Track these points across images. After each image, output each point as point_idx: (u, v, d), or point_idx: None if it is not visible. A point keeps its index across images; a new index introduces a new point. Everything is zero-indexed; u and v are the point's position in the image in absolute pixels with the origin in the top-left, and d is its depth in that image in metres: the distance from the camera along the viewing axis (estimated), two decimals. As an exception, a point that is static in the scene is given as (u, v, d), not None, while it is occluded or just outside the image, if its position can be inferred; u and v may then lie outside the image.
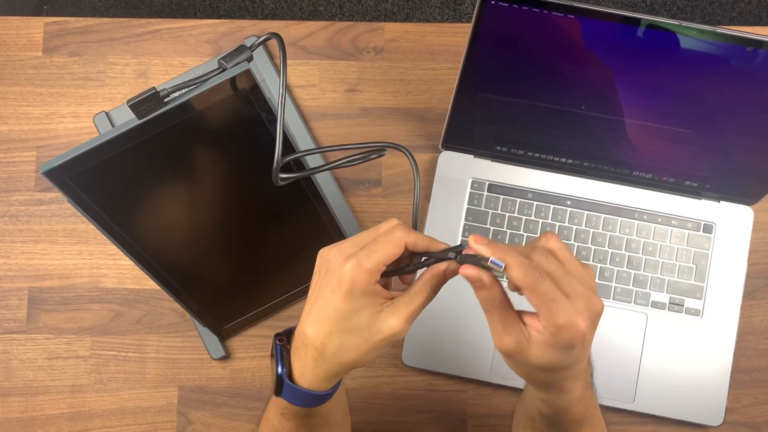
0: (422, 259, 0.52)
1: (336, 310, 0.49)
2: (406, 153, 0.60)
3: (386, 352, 0.79)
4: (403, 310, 0.49)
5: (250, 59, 0.56)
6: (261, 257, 0.75)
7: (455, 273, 0.50)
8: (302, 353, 0.51)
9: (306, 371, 0.51)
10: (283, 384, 0.51)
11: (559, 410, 0.53)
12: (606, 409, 0.79)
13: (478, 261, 0.47)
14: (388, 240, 0.49)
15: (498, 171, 0.81)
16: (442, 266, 0.50)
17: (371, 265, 0.48)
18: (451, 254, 0.50)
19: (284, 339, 0.53)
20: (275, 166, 0.57)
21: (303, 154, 0.62)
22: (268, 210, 0.71)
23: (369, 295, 0.49)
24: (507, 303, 0.48)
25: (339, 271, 0.49)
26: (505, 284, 0.48)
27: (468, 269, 0.47)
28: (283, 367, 0.51)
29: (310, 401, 0.52)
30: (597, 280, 0.80)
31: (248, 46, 0.57)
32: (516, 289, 0.47)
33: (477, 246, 0.47)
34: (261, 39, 0.57)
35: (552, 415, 0.54)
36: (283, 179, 0.59)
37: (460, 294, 0.80)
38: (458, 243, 0.64)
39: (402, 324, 0.49)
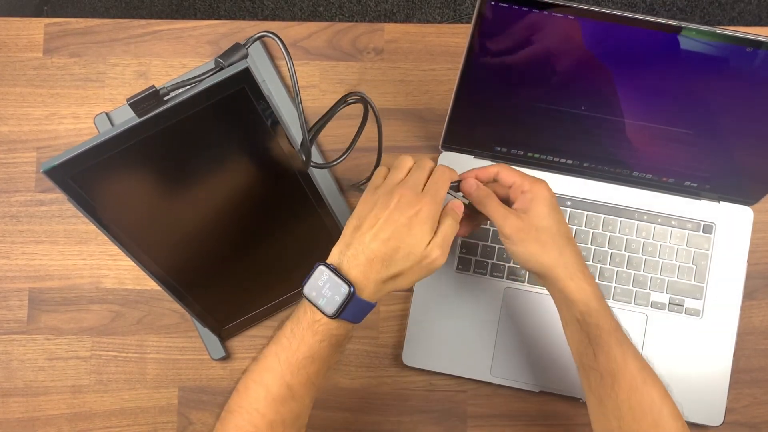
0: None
1: (408, 233, 0.59)
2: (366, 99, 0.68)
3: (391, 352, 0.79)
4: (440, 242, 0.60)
5: (245, 56, 0.56)
6: (261, 257, 0.75)
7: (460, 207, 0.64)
8: (364, 266, 0.58)
9: (368, 282, 0.58)
10: (352, 299, 0.57)
11: (575, 303, 0.62)
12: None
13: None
14: (445, 179, 0.63)
15: (498, 171, 0.81)
16: (454, 204, 0.63)
17: (440, 199, 0.61)
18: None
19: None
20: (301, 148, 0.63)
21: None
22: (268, 209, 0.71)
23: (433, 221, 0.60)
24: (495, 196, 0.65)
25: (417, 204, 0.59)
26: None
27: (464, 184, 0.66)
28: (350, 285, 0.57)
29: (363, 312, 0.59)
30: (597, 281, 0.80)
31: (243, 44, 0.57)
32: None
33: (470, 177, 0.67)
34: (255, 36, 0.57)
35: (574, 312, 0.63)
36: (314, 165, 0.66)
37: (459, 295, 0.80)
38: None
39: (439, 253, 0.60)
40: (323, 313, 0.57)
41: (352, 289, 0.57)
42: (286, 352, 0.58)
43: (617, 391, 0.60)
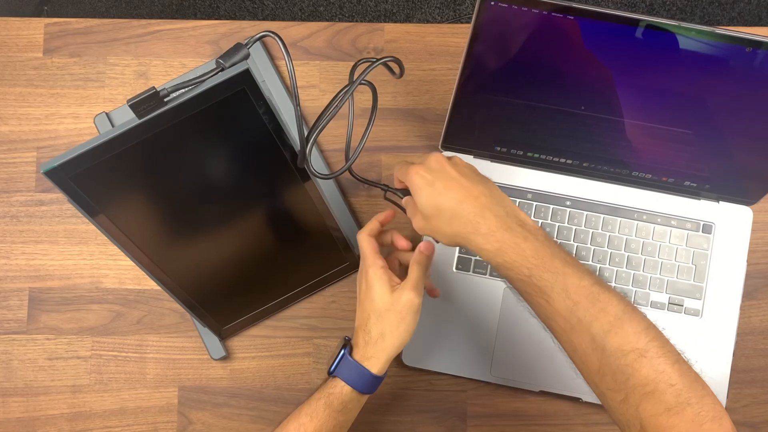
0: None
1: (368, 297, 0.66)
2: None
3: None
4: (408, 282, 0.65)
5: (246, 56, 0.56)
6: (261, 257, 0.75)
7: (429, 250, 0.68)
8: (363, 348, 0.66)
9: (366, 354, 0.65)
10: (343, 357, 0.66)
11: (492, 260, 0.59)
12: (604, 409, 0.79)
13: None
14: (361, 240, 0.68)
15: (497, 171, 0.81)
16: (422, 252, 0.68)
17: (366, 255, 0.67)
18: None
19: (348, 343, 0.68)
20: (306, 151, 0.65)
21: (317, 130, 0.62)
22: (269, 210, 0.71)
23: (381, 282, 0.65)
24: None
25: (361, 274, 0.68)
26: None
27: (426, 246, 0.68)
28: (343, 347, 0.67)
29: (362, 378, 0.65)
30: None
31: (245, 44, 0.57)
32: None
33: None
34: (257, 36, 0.57)
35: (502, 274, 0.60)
36: (317, 174, 0.68)
37: (459, 295, 0.80)
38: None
39: (412, 294, 0.64)
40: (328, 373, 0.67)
41: (343, 351, 0.66)
42: (298, 412, 0.65)
43: (558, 335, 0.57)
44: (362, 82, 0.66)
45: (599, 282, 0.56)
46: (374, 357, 0.65)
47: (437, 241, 0.63)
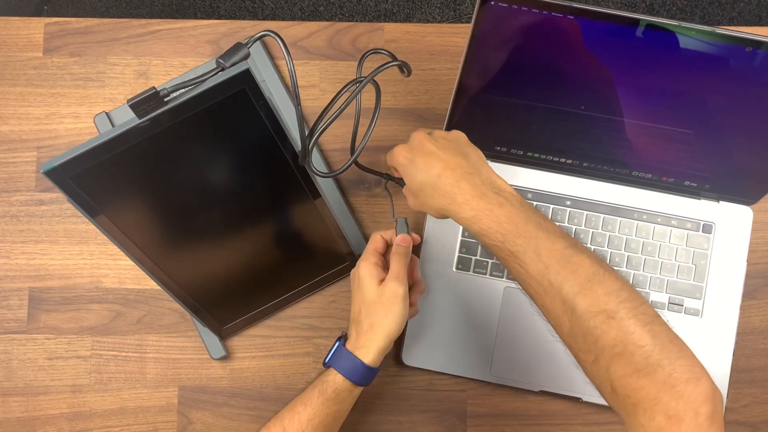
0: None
1: (358, 290, 0.69)
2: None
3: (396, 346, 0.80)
4: (391, 273, 0.68)
5: (247, 56, 0.56)
6: (261, 257, 0.75)
7: (406, 241, 0.71)
8: (355, 339, 0.68)
9: (359, 346, 0.67)
10: (337, 348, 0.69)
11: (470, 228, 0.60)
12: (604, 409, 0.80)
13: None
14: (371, 241, 0.72)
15: (497, 171, 0.80)
16: (399, 244, 0.71)
17: (368, 254, 0.70)
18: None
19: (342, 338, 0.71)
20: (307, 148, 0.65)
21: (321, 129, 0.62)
22: (268, 210, 0.71)
23: (370, 277, 0.68)
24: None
25: (355, 271, 0.71)
26: None
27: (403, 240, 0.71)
28: (339, 339, 0.71)
29: (355, 369, 0.67)
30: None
31: (245, 43, 0.57)
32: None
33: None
34: (257, 36, 0.57)
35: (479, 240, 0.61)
36: (320, 173, 0.69)
37: (459, 295, 0.80)
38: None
39: (395, 284, 0.67)
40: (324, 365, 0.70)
41: (338, 342, 0.70)
42: (293, 402, 0.68)
43: (533, 298, 0.58)
44: (371, 81, 0.66)
45: (573, 245, 0.56)
46: (364, 347, 0.67)
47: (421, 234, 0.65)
